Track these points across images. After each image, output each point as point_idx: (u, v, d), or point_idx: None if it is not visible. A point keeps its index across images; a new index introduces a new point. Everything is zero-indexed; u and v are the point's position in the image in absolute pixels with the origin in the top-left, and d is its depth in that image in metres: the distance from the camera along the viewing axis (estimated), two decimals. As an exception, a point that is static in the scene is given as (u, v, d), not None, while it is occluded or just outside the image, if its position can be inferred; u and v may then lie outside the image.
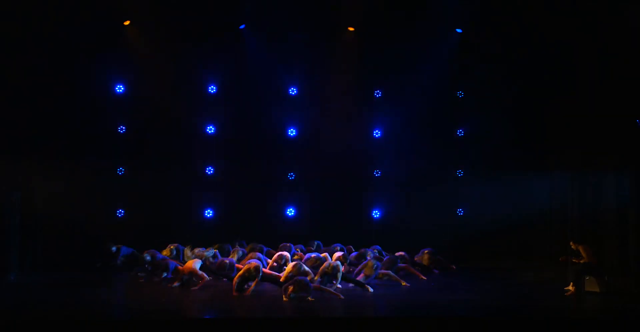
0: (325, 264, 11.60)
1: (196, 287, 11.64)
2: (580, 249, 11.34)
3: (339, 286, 11.60)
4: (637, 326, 9.42)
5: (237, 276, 11.32)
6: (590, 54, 13.29)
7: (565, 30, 13.65)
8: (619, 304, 10.58)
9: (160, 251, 13.25)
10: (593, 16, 12.89)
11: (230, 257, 12.98)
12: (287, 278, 11.36)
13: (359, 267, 12.22)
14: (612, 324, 9.48)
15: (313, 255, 12.91)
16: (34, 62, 13.85)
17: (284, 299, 10.65)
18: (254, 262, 11.48)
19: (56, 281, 12.56)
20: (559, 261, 11.99)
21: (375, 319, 9.72)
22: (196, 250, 13.03)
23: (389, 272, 12.35)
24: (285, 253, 12.99)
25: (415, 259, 13.85)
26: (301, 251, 13.85)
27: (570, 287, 11.22)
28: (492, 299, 10.97)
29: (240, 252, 13.30)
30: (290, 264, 11.77)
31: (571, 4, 13.26)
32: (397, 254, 13.34)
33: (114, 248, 13.26)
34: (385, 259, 13.04)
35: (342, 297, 10.78)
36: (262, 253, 13.23)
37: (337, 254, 12.98)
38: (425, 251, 13.86)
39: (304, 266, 11.61)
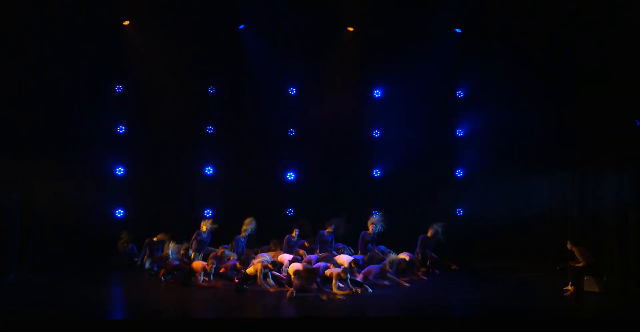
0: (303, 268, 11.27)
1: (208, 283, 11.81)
2: (576, 251, 11.25)
3: (341, 285, 11.58)
4: (637, 326, 9.42)
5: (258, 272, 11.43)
6: (590, 53, 13.29)
7: (564, 30, 13.65)
8: (619, 304, 10.58)
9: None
10: (593, 16, 12.88)
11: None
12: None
13: (366, 268, 12.14)
14: (612, 324, 9.48)
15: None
16: (33, 62, 13.84)
17: (288, 295, 10.74)
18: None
19: (56, 281, 12.57)
20: (557, 270, 11.66)
21: (375, 319, 9.71)
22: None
23: (388, 273, 12.34)
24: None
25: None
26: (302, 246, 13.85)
27: (570, 287, 11.21)
28: (492, 299, 10.97)
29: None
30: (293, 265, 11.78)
31: (570, 3, 13.25)
32: (400, 256, 13.20)
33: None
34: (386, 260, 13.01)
35: (342, 297, 10.79)
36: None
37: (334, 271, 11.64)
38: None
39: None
